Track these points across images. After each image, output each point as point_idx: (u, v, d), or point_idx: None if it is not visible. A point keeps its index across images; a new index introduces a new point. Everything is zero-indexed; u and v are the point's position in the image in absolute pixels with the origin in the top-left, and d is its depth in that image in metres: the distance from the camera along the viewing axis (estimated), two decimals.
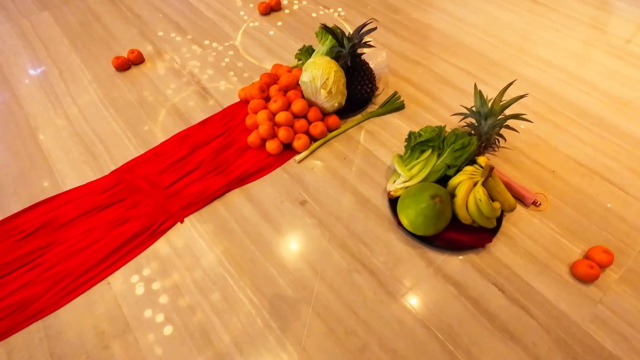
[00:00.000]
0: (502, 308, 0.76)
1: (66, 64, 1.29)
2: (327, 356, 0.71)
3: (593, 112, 1.12)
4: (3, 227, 0.88)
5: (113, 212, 0.90)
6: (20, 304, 0.76)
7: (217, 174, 0.97)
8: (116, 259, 0.83)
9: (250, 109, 1.05)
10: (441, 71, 1.25)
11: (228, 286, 0.79)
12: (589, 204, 0.92)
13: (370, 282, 0.80)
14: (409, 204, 0.81)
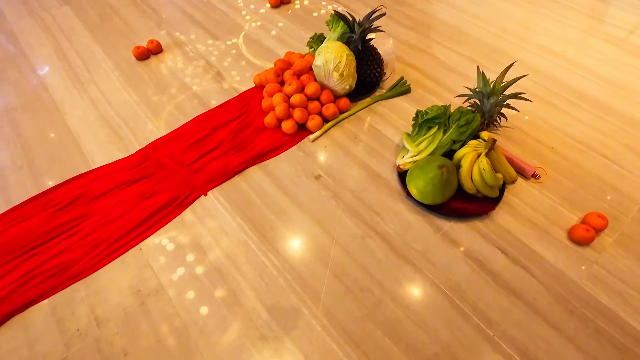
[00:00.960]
0: (505, 268, 0.82)
1: (88, 54, 1.36)
2: (345, 310, 0.77)
3: (590, 95, 1.18)
4: (41, 200, 0.94)
5: (141, 186, 0.97)
6: (62, 267, 0.83)
7: (237, 151, 1.04)
8: (147, 227, 0.89)
9: (266, 92, 1.12)
10: (445, 58, 1.32)
11: (250, 250, 0.86)
12: (586, 176, 0.98)
13: (382, 247, 0.86)
14: (418, 175, 0.88)
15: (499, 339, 0.73)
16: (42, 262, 0.83)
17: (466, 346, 0.72)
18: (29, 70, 1.31)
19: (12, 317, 0.77)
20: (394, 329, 0.75)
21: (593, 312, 0.76)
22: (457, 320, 0.76)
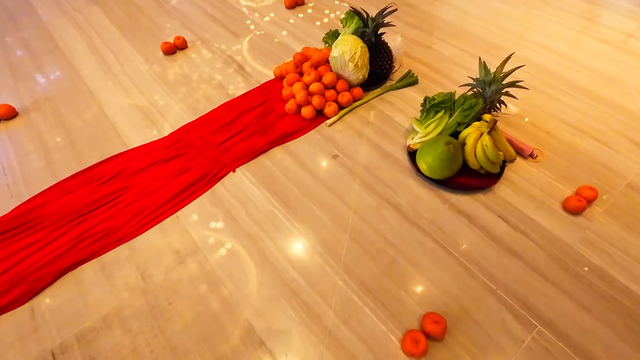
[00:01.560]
0: (506, 234, 0.92)
1: (119, 49, 1.47)
2: (364, 268, 0.86)
3: (583, 86, 1.29)
4: (85, 174, 1.04)
5: (175, 164, 1.07)
6: (107, 231, 0.92)
7: (261, 134, 1.14)
8: (182, 199, 0.99)
9: (286, 81, 1.22)
10: (449, 53, 1.43)
11: (277, 219, 0.95)
12: (579, 156, 1.08)
13: (395, 215, 0.96)
14: (427, 151, 0.98)
15: (502, 292, 0.82)
16: (91, 227, 0.93)
17: (472, 298, 0.82)
18: (65, 63, 1.41)
19: (66, 273, 0.86)
20: (407, 283, 0.84)
21: (585, 271, 0.85)
22: (464, 277, 0.85)
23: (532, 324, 0.78)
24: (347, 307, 0.81)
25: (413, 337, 0.73)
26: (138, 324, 0.79)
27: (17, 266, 0.86)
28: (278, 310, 0.80)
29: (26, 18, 1.64)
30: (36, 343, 0.77)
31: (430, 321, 0.75)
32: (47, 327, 0.79)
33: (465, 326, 0.78)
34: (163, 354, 0.75)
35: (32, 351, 0.76)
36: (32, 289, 0.83)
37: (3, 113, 1.19)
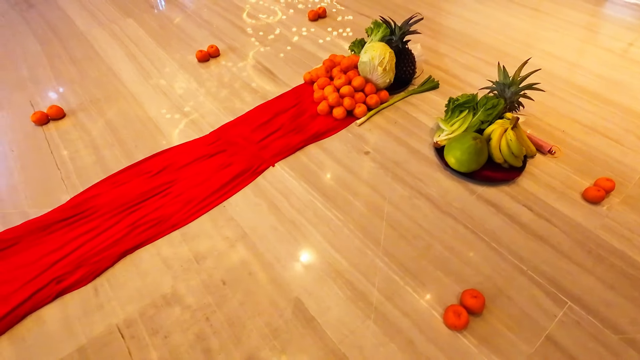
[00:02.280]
0: (532, 221, 0.99)
1: (155, 57, 1.57)
2: (401, 251, 0.93)
3: (591, 90, 1.38)
4: (135, 168, 1.11)
5: (218, 159, 1.14)
6: (161, 219, 0.99)
7: (296, 133, 1.22)
8: (227, 190, 1.06)
9: (317, 85, 1.31)
10: (465, 61, 1.53)
11: (317, 208, 1.02)
12: (593, 152, 1.16)
13: (427, 205, 1.03)
14: (455, 146, 1.06)
15: (532, 272, 0.89)
16: (144, 215, 1.00)
17: (505, 277, 0.88)
18: (105, 68, 1.51)
19: (124, 257, 0.92)
20: (443, 265, 0.90)
21: (607, 253, 0.92)
22: (495, 259, 0.91)
23: (562, 300, 0.84)
24: (389, 286, 0.87)
25: (455, 311, 0.79)
26: (195, 301, 0.85)
27: (79, 250, 0.92)
28: (325, 288, 0.86)
29: (66, 29, 1.74)
30: (101, 318, 0.82)
31: (469, 296, 0.81)
32: (111, 304, 0.84)
33: (501, 302, 0.84)
34: (222, 327, 0.81)
35: (99, 325, 0.81)
36: (94, 270, 0.89)
37: (53, 113, 1.27)
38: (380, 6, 1.87)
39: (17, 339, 0.80)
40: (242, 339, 0.79)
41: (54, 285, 0.86)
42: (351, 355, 0.76)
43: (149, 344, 0.79)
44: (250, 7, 1.90)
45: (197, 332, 0.80)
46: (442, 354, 0.77)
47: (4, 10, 1.88)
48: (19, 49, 1.62)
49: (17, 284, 0.86)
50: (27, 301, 0.83)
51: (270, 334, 0.79)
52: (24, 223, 0.98)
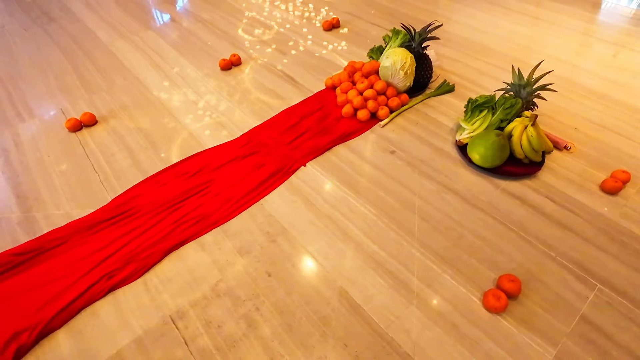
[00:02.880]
0: (555, 211, 1.04)
1: (179, 66, 1.62)
2: (436, 242, 0.97)
3: (598, 91, 1.46)
4: (173, 169, 1.15)
5: (251, 160, 1.19)
6: (202, 217, 1.03)
7: (323, 134, 1.27)
8: (263, 189, 1.10)
9: (340, 89, 1.38)
10: (476, 66, 1.61)
11: (350, 203, 1.07)
12: (606, 148, 1.23)
13: (455, 199, 1.08)
14: (479, 143, 1.12)
15: (561, 258, 0.94)
16: (186, 213, 1.03)
17: (536, 263, 0.93)
18: (131, 77, 1.56)
19: (170, 252, 0.96)
20: (477, 253, 0.95)
21: (629, 239, 0.97)
22: (525, 247, 0.96)
23: (592, 283, 0.89)
24: (427, 274, 0.91)
25: (494, 294, 0.83)
26: (244, 293, 0.88)
27: (126, 247, 0.96)
28: (367, 278, 0.90)
29: (88, 41, 1.80)
30: (155, 310, 0.85)
31: (506, 280, 0.85)
32: (162, 297, 0.87)
33: (534, 286, 0.88)
34: (272, 316, 0.84)
35: (153, 317, 0.84)
36: (143, 265, 0.92)
37: (86, 120, 1.31)
38: (391, 17, 1.96)
39: (74, 332, 0.82)
40: (293, 327, 0.82)
41: (105, 281, 0.89)
42: (399, 339, 0.80)
43: (203, 333, 0.81)
44: (265, 18, 1.97)
45: (249, 321, 0.83)
46: (485, 335, 0.81)
47: (27, 25, 1.93)
48: (45, 60, 1.67)
49: (69, 280, 0.89)
50: (81, 296, 0.86)
51: (320, 321, 0.83)
52: (70, 223, 1.01)
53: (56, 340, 0.81)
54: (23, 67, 1.63)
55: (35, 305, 0.84)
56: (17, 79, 1.56)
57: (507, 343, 0.79)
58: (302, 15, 2.00)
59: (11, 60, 1.67)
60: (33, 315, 0.83)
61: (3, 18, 1.99)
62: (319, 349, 0.79)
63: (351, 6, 2.07)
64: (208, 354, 0.78)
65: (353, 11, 2.02)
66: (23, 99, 1.45)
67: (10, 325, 0.81)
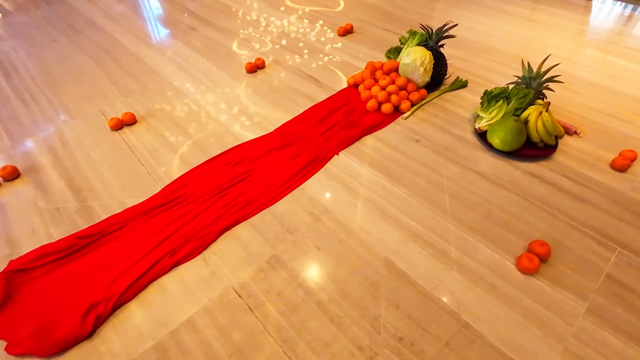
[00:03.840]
0: (572, 187, 1.14)
1: (207, 70, 1.72)
2: (467, 216, 1.06)
3: (598, 83, 1.59)
4: (216, 160, 1.24)
5: (287, 151, 1.27)
6: (249, 201, 1.11)
7: (352, 127, 1.37)
8: (302, 175, 1.19)
9: (364, 86, 1.48)
10: (484, 64, 1.73)
11: (384, 185, 1.16)
12: (611, 132, 1.34)
13: (480, 179, 1.17)
14: (499, 129, 1.22)
15: (582, 227, 1.03)
16: (234, 198, 1.11)
17: (560, 232, 1.02)
18: (163, 81, 1.65)
19: (224, 233, 1.03)
20: (505, 225, 1.04)
21: None
22: (548, 218, 1.05)
23: (612, 247, 0.98)
24: (463, 244, 0.99)
25: (528, 256, 0.92)
26: (297, 265, 0.95)
27: (182, 228, 1.03)
28: (408, 249, 0.98)
29: (117, 50, 1.89)
30: (217, 282, 0.92)
31: (537, 244, 0.94)
32: (222, 271, 0.94)
33: (561, 251, 0.97)
34: (326, 285, 0.91)
35: (216, 288, 0.91)
36: (201, 244, 0.99)
37: (127, 119, 1.39)
38: (399, 22, 2.09)
39: (145, 303, 0.88)
40: (347, 292, 0.90)
41: (168, 258, 0.96)
42: (445, 299, 0.88)
43: (265, 300, 0.88)
44: (282, 27, 2.09)
45: (305, 289, 0.90)
46: (522, 293, 0.89)
47: (55, 37, 2.02)
48: (77, 68, 1.76)
49: (135, 258, 0.95)
50: (148, 272, 0.93)
51: (370, 287, 0.90)
52: (126, 210, 1.08)
53: (129, 311, 0.87)
54: (57, 74, 1.71)
55: (106, 281, 0.91)
56: (53, 85, 1.64)
57: (542, 299, 0.88)
58: (317, 23, 2.12)
59: (44, 68, 1.76)
60: (105, 290, 0.89)
61: (30, 31, 2.08)
62: (373, 310, 0.86)
63: (361, 14, 2.20)
64: (272, 318, 0.85)
65: (364, 18, 2.15)
66: (63, 102, 1.53)
67: (86, 298, 0.87)
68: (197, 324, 0.85)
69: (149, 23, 2.18)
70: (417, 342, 0.81)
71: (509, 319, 0.84)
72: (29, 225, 1.06)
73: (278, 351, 0.80)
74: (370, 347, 0.80)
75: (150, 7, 2.39)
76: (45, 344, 0.80)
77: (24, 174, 1.22)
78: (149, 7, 2.39)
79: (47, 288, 0.90)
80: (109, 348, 0.81)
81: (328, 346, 0.81)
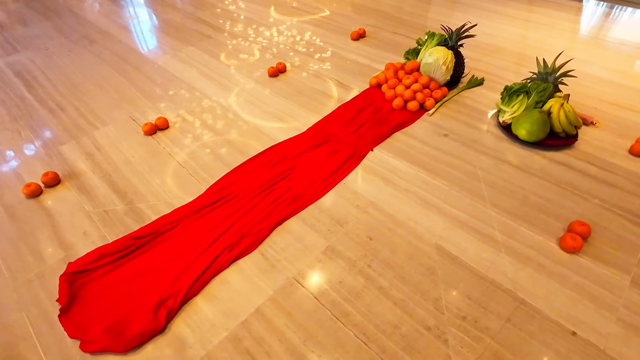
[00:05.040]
0: (598, 172, 1.21)
1: (229, 75, 1.75)
2: (505, 203, 1.11)
3: (606, 78, 1.69)
4: (256, 160, 1.27)
5: (325, 149, 1.31)
6: (295, 197, 1.14)
7: (381, 124, 1.42)
8: (342, 171, 1.23)
9: (388, 85, 1.54)
10: (496, 63, 1.81)
11: (422, 177, 1.20)
12: (625, 122, 1.42)
13: (511, 168, 1.23)
14: (525, 120, 1.29)
15: (614, 209, 1.09)
16: (280, 195, 1.14)
17: (595, 214, 1.08)
18: (187, 86, 1.67)
19: (277, 227, 1.06)
20: (543, 209, 1.09)
21: None
22: (581, 202, 1.12)
23: None
24: (506, 229, 1.05)
25: (571, 236, 0.98)
26: (353, 254, 0.99)
27: (235, 225, 1.05)
28: (456, 235, 1.03)
29: (136, 59, 1.91)
30: (278, 274, 0.94)
31: (578, 224, 1.00)
32: (281, 263, 0.97)
33: (599, 231, 1.03)
34: (384, 271, 0.95)
35: (278, 279, 0.93)
36: (256, 239, 1.02)
37: (160, 124, 1.41)
38: (408, 27, 2.18)
39: (211, 298, 0.90)
40: (405, 277, 0.93)
41: (227, 253, 0.98)
42: (499, 279, 0.92)
43: (328, 289, 0.91)
44: (296, 34, 2.14)
45: (365, 276, 0.94)
46: (570, 270, 0.94)
47: (70, 47, 2.02)
48: (99, 76, 1.77)
49: (194, 255, 0.97)
50: (209, 268, 0.95)
51: (427, 271, 0.94)
52: (175, 210, 1.10)
53: (197, 305, 0.89)
54: (79, 83, 1.72)
55: (169, 278, 0.92)
56: (77, 94, 1.64)
57: (589, 275, 0.93)
58: (330, 29, 2.18)
59: (65, 77, 1.76)
60: (170, 286, 0.91)
61: (44, 42, 2.08)
62: (433, 292, 0.90)
63: (370, 19, 2.28)
64: (338, 305, 0.88)
65: (374, 23, 2.22)
66: (90, 110, 1.54)
67: (153, 295, 0.89)
68: (266, 314, 0.87)
69: (164, 32, 2.20)
70: (480, 319, 0.85)
71: (562, 295, 0.89)
72: (79, 228, 1.07)
73: (349, 335, 0.83)
74: (437, 326, 0.84)
75: (161, 17, 2.42)
76: (121, 340, 0.81)
77: (64, 179, 1.23)
78: (160, 17, 2.42)
79: (110, 287, 0.91)
80: (184, 341, 0.83)
81: (397, 328, 0.84)
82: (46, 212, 1.12)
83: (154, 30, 2.24)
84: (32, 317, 0.87)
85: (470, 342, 0.81)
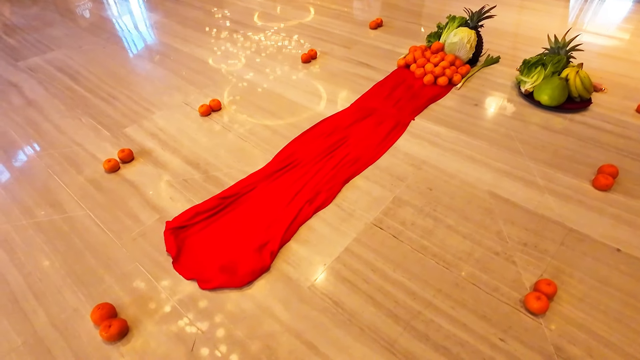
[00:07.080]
0: (613, 128, 1.38)
1: (263, 62, 1.87)
2: (540, 155, 1.27)
3: (605, 53, 1.88)
4: (312, 131, 1.39)
5: (371, 120, 1.45)
6: (355, 160, 1.26)
7: (416, 98, 1.56)
8: (391, 138, 1.36)
9: (417, 64, 1.69)
10: (507, 44, 1.99)
11: (463, 139, 1.35)
12: (627, 88, 1.61)
13: (539, 128, 1.39)
14: (546, 87, 1.45)
15: (632, 155, 1.26)
16: (341, 159, 1.27)
17: (618, 160, 1.25)
18: (228, 74, 1.78)
19: (346, 184, 1.18)
20: (573, 159, 1.26)
21: None
22: (604, 152, 1.28)
23: None
24: (545, 175, 1.20)
25: (604, 176, 1.13)
26: (418, 202, 1.12)
27: (308, 184, 1.17)
28: (503, 182, 1.18)
29: (172, 52, 2.00)
30: (357, 221, 1.07)
31: (608, 166, 1.16)
32: (357, 212, 1.10)
33: (624, 174, 1.19)
34: (447, 213, 1.08)
35: (358, 225, 1.06)
36: (330, 194, 1.14)
37: (215, 105, 1.52)
38: (419, 16, 2.34)
39: (303, 242, 1.02)
40: (467, 216, 1.07)
41: (308, 206, 1.10)
42: (548, 214, 1.07)
43: (403, 229, 1.04)
44: (319, 26, 2.28)
45: (432, 218, 1.07)
46: (605, 204, 1.10)
47: (101, 44, 2.10)
48: (140, 68, 1.86)
49: (279, 209, 1.09)
50: (296, 218, 1.06)
51: (485, 211, 1.09)
52: (250, 175, 1.21)
53: (292, 248, 1.00)
54: (123, 75, 1.81)
55: (262, 228, 1.04)
56: (125, 84, 1.73)
57: (622, 206, 1.09)
58: (346, 19, 2.33)
59: (108, 70, 1.84)
60: (265, 234, 1.02)
61: (76, 40, 2.15)
62: (495, 227, 1.04)
63: (383, 11, 2.44)
64: (415, 241, 1.01)
65: (388, 14, 2.38)
66: (142, 98, 1.63)
67: (253, 241, 1.00)
68: (354, 251, 0.99)
69: (191, 28, 2.30)
70: (539, 244, 1.00)
71: (603, 222, 1.05)
72: (165, 195, 1.17)
73: (431, 262, 0.96)
74: (504, 252, 0.98)
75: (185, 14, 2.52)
76: (236, 277, 0.91)
77: (137, 156, 1.32)
78: (184, 14, 2.52)
79: (212, 237, 1.02)
80: (289, 275, 0.94)
81: (470, 255, 0.98)
82: (130, 184, 1.21)
83: (179, 27, 2.33)
84: (146, 266, 0.97)
85: (534, 262, 0.96)
